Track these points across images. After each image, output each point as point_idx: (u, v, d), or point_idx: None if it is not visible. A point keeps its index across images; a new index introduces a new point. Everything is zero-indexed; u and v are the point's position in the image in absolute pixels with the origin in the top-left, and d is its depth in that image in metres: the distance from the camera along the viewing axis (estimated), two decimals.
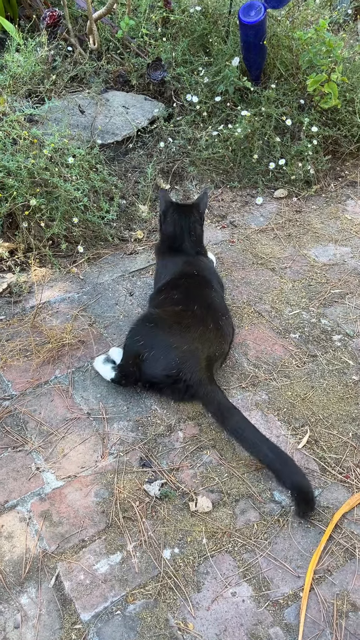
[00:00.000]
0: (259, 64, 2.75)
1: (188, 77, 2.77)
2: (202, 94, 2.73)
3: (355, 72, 2.78)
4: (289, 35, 2.76)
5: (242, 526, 1.39)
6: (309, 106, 2.70)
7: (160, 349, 1.61)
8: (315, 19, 3.10)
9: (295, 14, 2.89)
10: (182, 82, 2.79)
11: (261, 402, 1.69)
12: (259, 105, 2.66)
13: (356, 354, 1.84)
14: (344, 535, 1.37)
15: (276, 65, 2.78)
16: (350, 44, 3.19)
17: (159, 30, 2.92)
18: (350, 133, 2.71)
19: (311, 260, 2.27)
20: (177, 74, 2.79)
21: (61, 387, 1.74)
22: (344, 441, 1.58)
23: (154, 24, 2.94)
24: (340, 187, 2.70)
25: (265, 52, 2.70)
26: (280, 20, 2.83)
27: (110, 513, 1.41)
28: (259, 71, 2.79)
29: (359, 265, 2.22)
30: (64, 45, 2.82)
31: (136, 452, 1.56)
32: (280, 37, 2.78)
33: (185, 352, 1.60)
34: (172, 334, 1.64)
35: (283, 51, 2.78)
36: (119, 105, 2.77)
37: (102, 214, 2.29)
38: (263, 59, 2.75)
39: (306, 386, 1.74)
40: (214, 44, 2.80)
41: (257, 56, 2.70)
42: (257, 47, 2.62)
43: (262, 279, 2.18)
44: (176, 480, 1.48)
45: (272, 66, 2.81)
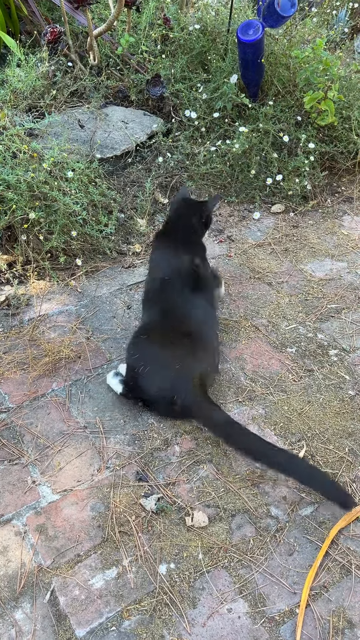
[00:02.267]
0: (256, 81, 2.79)
1: (187, 93, 2.80)
2: (200, 110, 2.77)
3: (351, 90, 2.82)
4: (286, 54, 2.80)
5: (238, 541, 1.38)
6: (306, 123, 2.73)
7: (153, 366, 1.62)
8: (312, 37, 3.16)
9: (293, 32, 2.94)
10: (180, 98, 2.82)
11: (258, 417, 1.69)
12: (257, 122, 2.70)
13: (352, 369, 1.85)
14: (340, 552, 1.37)
15: (274, 82, 2.82)
16: (346, 62, 3.24)
17: (159, 47, 2.96)
18: (346, 149, 2.75)
19: (308, 275, 2.28)
20: (176, 90, 2.82)
21: (58, 400, 1.74)
22: (340, 456, 1.58)
23: (153, 41, 2.99)
24: (336, 203, 2.73)
25: (263, 69, 2.74)
26: (277, 39, 2.88)
27: (106, 527, 1.41)
28: (257, 88, 2.83)
29: (355, 280, 2.24)
30: (64, 60, 2.86)
31: (133, 466, 1.55)
32: (277, 55, 2.82)
33: (178, 372, 1.60)
34: (164, 350, 1.64)
35: (280, 69, 2.82)
36: (118, 120, 2.80)
37: (100, 227, 2.31)
38: (261, 76, 2.79)
39: (303, 401, 1.75)
40: (213, 61, 2.84)
41: (255, 73, 2.74)
42: (255, 65, 2.66)
43: (259, 293, 2.19)
44: (172, 495, 1.48)
45: (269, 83, 2.85)
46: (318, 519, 1.44)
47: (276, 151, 2.68)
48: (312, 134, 2.68)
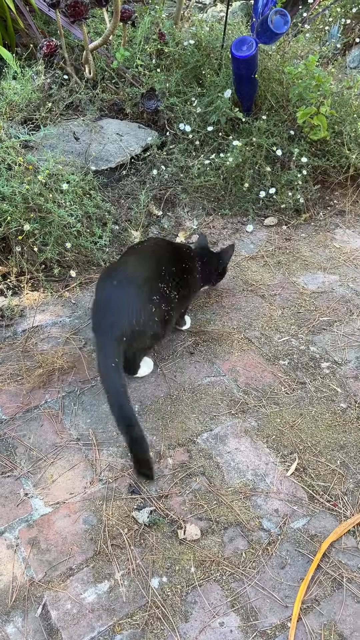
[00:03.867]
0: (250, 96, 2.82)
1: (181, 106, 2.83)
2: (194, 124, 2.80)
3: (343, 106, 2.86)
4: (279, 69, 2.84)
5: (230, 554, 1.39)
6: (299, 137, 2.77)
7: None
8: (305, 53, 3.20)
9: (286, 48, 2.98)
10: (175, 112, 2.85)
11: (250, 429, 1.70)
12: (250, 136, 2.73)
13: (344, 381, 1.87)
14: (331, 565, 1.37)
15: (267, 97, 2.85)
16: (338, 78, 3.29)
17: (154, 62, 2.99)
18: (338, 164, 2.78)
19: (300, 287, 2.30)
20: (171, 103, 2.85)
21: (51, 412, 1.74)
22: (332, 469, 1.59)
23: (148, 55, 3.02)
24: (329, 216, 2.76)
25: (256, 84, 2.78)
26: (271, 55, 2.92)
27: (98, 540, 1.41)
28: (251, 103, 2.86)
29: (347, 293, 2.26)
30: (60, 73, 2.88)
31: (125, 479, 1.56)
32: (271, 70, 2.86)
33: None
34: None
35: (274, 84, 2.86)
36: (113, 132, 2.83)
37: (94, 239, 2.32)
38: (254, 91, 2.83)
39: (295, 413, 1.76)
40: (207, 76, 2.87)
41: (248, 88, 2.77)
42: (249, 80, 2.70)
43: (252, 306, 2.20)
44: (165, 508, 1.48)
45: (263, 98, 2.89)
46: (310, 531, 1.44)
47: (269, 165, 2.71)
48: (304, 148, 2.71)
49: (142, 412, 1.75)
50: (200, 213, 2.70)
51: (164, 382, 1.86)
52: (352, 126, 2.77)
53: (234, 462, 1.60)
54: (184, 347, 2.00)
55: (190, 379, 1.87)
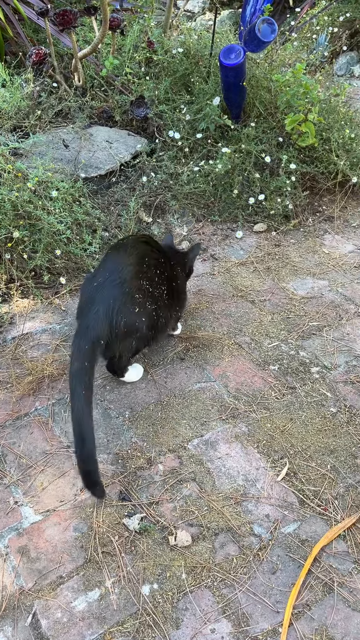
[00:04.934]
0: (239, 103, 2.85)
1: (170, 114, 2.85)
2: (184, 131, 2.81)
3: (331, 113, 2.89)
4: (267, 77, 2.86)
5: (221, 560, 1.38)
6: (288, 144, 2.79)
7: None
8: (293, 61, 3.23)
9: (274, 56, 3.01)
10: (164, 119, 2.87)
11: (241, 435, 1.70)
12: (239, 143, 2.75)
13: (334, 386, 1.88)
14: (322, 569, 1.37)
15: (256, 104, 2.88)
16: (326, 86, 3.32)
17: (143, 70, 3.01)
18: (327, 170, 2.80)
19: (290, 293, 2.31)
20: (160, 111, 2.87)
21: (41, 420, 1.73)
22: (322, 473, 1.59)
23: (137, 63, 3.04)
24: (317, 222, 2.78)
25: (245, 92, 2.80)
26: (259, 63, 2.95)
27: (89, 548, 1.40)
28: (239, 110, 2.88)
29: (336, 298, 2.28)
30: (49, 81, 2.89)
31: (116, 486, 1.55)
32: (259, 78, 2.89)
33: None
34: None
35: (262, 91, 2.88)
36: (102, 140, 2.84)
37: (84, 246, 2.32)
38: (243, 99, 2.85)
39: (285, 418, 1.76)
40: (196, 84, 2.89)
41: (237, 96, 2.80)
42: (237, 88, 2.72)
43: (242, 311, 2.21)
44: (156, 514, 1.48)
45: (251, 105, 2.91)
46: (301, 536, 1.44)
47: (258, 171, 2.73)
48: (293, 155, 2.73)
49: (132, 419, 1.75)
50: (190, 219, 2.71)
51: (154, 388, 1.86)
52: (339, 133, 2.79)
53: (224, 468, 1.60)
54: (175, 353, 2.00)
55: (181, 385, 1.87)
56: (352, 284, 2.36)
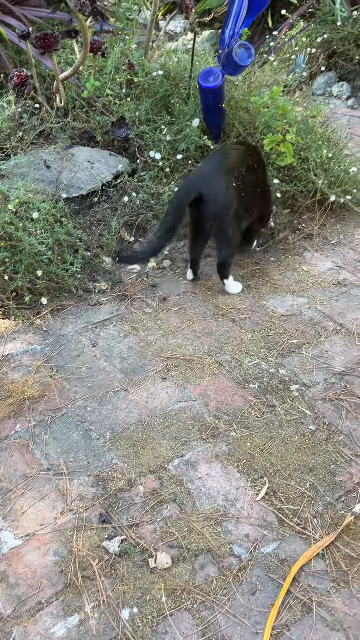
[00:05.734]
0: (218, 124, 2.90)
1: (151, 134, 2.89)
2: (164, 151, 2.85)
3: (308, 133, 2.95)
4: (246, 99, 2.92)
5: (201, 582, 1.39)
6: (267, 163, 2.84)
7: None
8: (271, 82, 3.30)
9: (252, 79, 3.07)
10: (145, 140, 2.90)
11: (221, 454, 1.71)
12: None
13: (313, 403, 1.90)
14: (301, 589, 1.38)
15: (235, 125, 2.93)
16: (304, 106, 3.39)
17: (124, 91, 3.05)
18: (305, 189, 2.85)
19: (270, 310, 2.34)
20: (141, 131, 2.90)
21: (21, 442, 1.73)
22: (301, 492, 1.61)
23: (118, 85, 3.08)
24: (297, 240, 2.82)
25: (224, 113, 2.85)
26: (237, 85, 3.01)
27: (68, 572, 1.40)
28: (219, 130, 2.93)
29: (315, 316, 2.31)
30: (31, 103, 2.92)
31: (96, 508, 1.55)
32: (238, 100, 2.94)
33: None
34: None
35: (241, 112, 2.94)
36: (84, 160, 2.86)
37: (66, 266, 2.34)
38: (222, 120, 2.90)
39: (265, 437, 1.78)
40: (176, 105, 2.94)
41: (216, 117, 2.85)
42: (216, 109, 2.77)
43: (222, 330, 2.23)
44: (136, 536, 1.48)
45: (231, 126, 2.96)
46: (280, 556, 1.45)
47: None
48: (272, 174, 2.78)
49: (113, 440, 1.75)
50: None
51: (135, 409, 1.87)
52: (317, 152, 2.85)
53: (204, 488, 1.61)
54: (156, 373, 2.02)
55: (162, 405, 1.89)
56: (330, 301, 2.39)
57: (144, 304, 2.37)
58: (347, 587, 1.38)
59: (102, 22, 2.87)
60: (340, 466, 1.68)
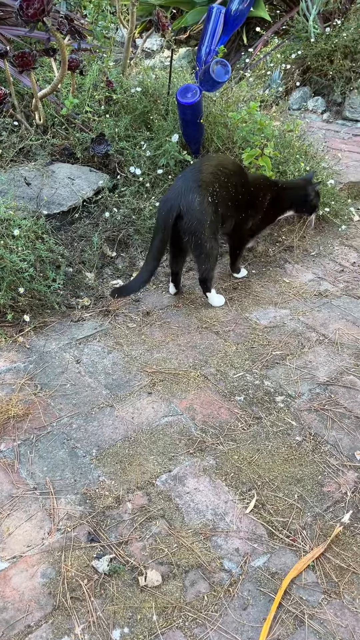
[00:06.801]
0: (197, 139, 2.93)
1: (131, 150, 2.91)
2: (144, 167, 2.87)
3: (286, 147, 3.00)
4: (224, 114, 2.96)
5: (192, 599, 1.37)
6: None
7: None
8: (248, 98, 3.35)
9: (229, 94, 3.12)
10: (125, 155, 2.92)
11: (209, 468, 1.71)
12: None
13: (298, 414, 1.91)
14: (293, 602, 1.38)
15: (214, 140, 2.97)
16: (281, 120, 3.45)
17: (103, 108, 3.07)
18: None
19: (253, 323, 2.36)
20: (121, 147, 2.92)
21: (7, 462, 1.70)
22: (289, 503, 1.61)
23: (97, 102, 3.10)
24: (278, 252, 2.85)
25: (202, 128, 2.89)
26: (215, 100, 3.05)
27: (57, 594, 1.37)
28: (198, 145, 2.97)
29: (298, 327, 2.33)
30: (10, 120, 2.92)
31: (84, 527, 1.53)
32: (216, 115, 2.98)
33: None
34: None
35: (219, 127, 2.98)
36: (64, 176, 2.87)
37: (48, 282, 2.33)
38: (201, 135, 2.94)
39: (252, 449, 1.78)
40: (155, 121, 2.97)
41: (195, 132, 2.88)
42: (195, 125, 2.80)
43: (207, 343, 2.24)
44: (125, 554, 1.47)
45: (210, 140, 3.00)
46: (270, 569, 1.45)
47: None
48: None
49: (100, 457, 1.73)
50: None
51: (121, 425, 1.86)
52: (295, 166, 2.90)
53: (193, 503, 1.60)
54: (141, 388, 2.01)
55: (148, 420, 1.88)
56: (312, 312, 2.42)
57: (127, 319, 2.37)
58: (338, 598, 1.38)
59: (79, 40, 2.90)
60: (328, 476, 1.69)
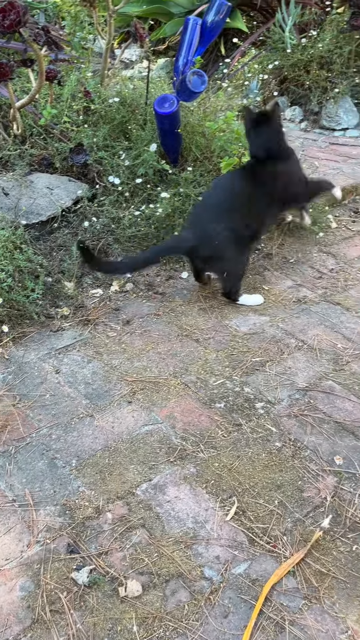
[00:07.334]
0: (176, 149, 2.95)
1: (110, 160, 2.92)
2: (123, 176, 2.88)
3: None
4: (201, 124, 2.99)
5: (172, 608, 1.37)
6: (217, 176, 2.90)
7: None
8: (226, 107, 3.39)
9: (207, 104, 3.15)
10: (104, 165, 2.93)
11: (189, 476, 1.71)
12: (178, 186, 2.83)
13: (278, 420, 1.92)
14: (274, 608, 1.38)
15: (192, 149, 2.99)
16: None
17: (81, 118, 3.08)
18: None
19: (233, 330, 2.37)
20: (99, 157, 2.93)
21: None
22: (270, 510, 1.61)
23: (75, 112, 3.11)
24: (257, 259, 2.87)
25: (180, 138, 2.91)
26: (193, 110, 3.08)
27: (36, 607, 1.36)
28: (177, 154, 2.99)
29: (277, 333, 2.35)
30: None
31: (64, 538, 1.52)
32: (194, 125, 3.01)
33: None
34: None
35: (198, 137, 3.00)
36: (43, 186, 2.86)
37: (27, 292, 2.32)
38: (179, 144, 2.96)
39: (232, 456, 1.78)
40: (133, 131, 2.98)
41: (173, 142, 2.90)
42: (173, 134, 2.82)
43: (187, 350, 2.24)
44: (105, 565, 1.46)
45: (188, 150, 3.02)
46: (251, 576, 1.45)
47: None
48: None
49: (79, 467, 1.72)
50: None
51: (101, 434, 1.85)
52: None
53: (174, 512, 1.60)
54: (121, 397, 2.00)
55: (128, 429, 1.87)
56: (291, 318, 2.44)
57: (107, 328, 2.36)
58: (318, 603, 1.39)
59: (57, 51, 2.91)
60: (308, 482, 1.70)
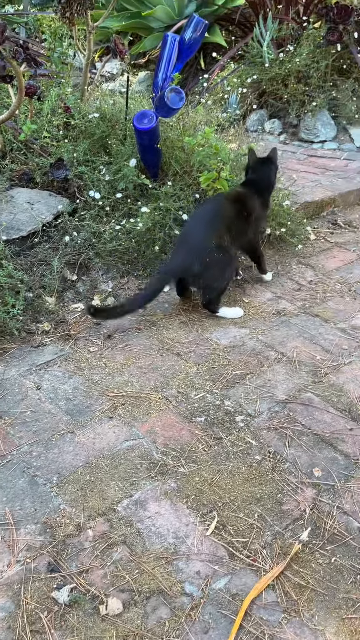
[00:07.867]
0: (155, 163, 2.98)
1: (90, 174, 2.93)
2: (104, 191, 2.90)
3: (242, 170, 3.07)
4: (181, 139, 3.02)
5: (153, 625, 1.37)
6: (204, 200, 2.93)
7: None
8: (205, 122, 3.43)
9: (185, 119, 3.19)
10: (84, 180, 2.95)
11: (170, 491, 1.72)
12: (158, 200, 2.86)
13: (258, 433, 1.94)
14: (253, 622, 1.39)
15: (172, 163, 3.02)
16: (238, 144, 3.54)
17: (61, 133, 3.10)
18: None
19: (213, 343, 2.39)
20: (80, 172, 2.95)
21: None
22: (250, 523, 1.63)
23: (56, 127, 3.13)
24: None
25: (160, 153, 2.94)
26: (172, 125, 3.11)
27: (16, 628, 1.35)
28: (157, 169, 3.01)
29: (257, 346, 2.37)
30: None
31: (44, 557, 1.52)
32: (173, 140, 3.04)
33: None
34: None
35: (177, 151, 3.03)
36: (24, 201, 2.87)
37: (7, 308, 2.32)
38: (159, 159, 2.99)
39: (213, 470, 1.79)
40: (113, 146, 3.01)
41: (153, 156, 2.93)
42: (152, 150, 2.85)
43: (168, 364, 2.26)
44: (86, 583, 1.46)
45: (168, 164, 3.05)
46: (231, 590, 1.46)
47: (178, 227, 2.83)
48: None
49: (60, 484, 1.72)
50: (115, 275, 2.77)
51: (82, 451, 1.85)
52: None
53: (154, 527, 1.60)
54: (102, 412, 2.01)
55: (109, 445, 1.88)
56: (271, 330, 2.47)
57: (88, 343, 2.37)
58: (297, 616, 1.40)
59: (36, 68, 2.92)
60: (287, 494, 1.72)
